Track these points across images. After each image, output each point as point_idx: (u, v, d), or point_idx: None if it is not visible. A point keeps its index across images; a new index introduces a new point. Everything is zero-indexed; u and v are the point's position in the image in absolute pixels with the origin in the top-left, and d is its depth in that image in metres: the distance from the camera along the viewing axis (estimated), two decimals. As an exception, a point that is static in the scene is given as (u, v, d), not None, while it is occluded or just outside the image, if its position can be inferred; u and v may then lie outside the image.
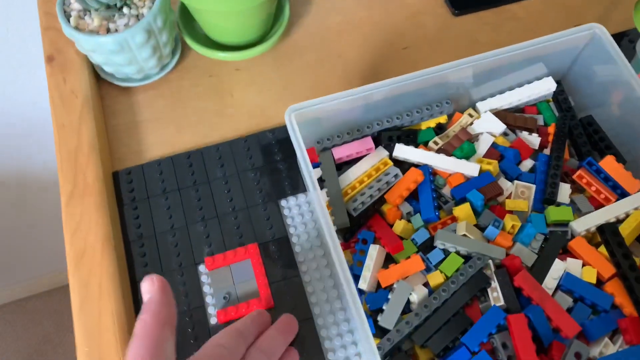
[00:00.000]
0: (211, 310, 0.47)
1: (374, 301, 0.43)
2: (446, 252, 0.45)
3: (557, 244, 0.44)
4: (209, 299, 0.47)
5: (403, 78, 0.47)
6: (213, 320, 0.47)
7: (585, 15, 0.63)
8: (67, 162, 0.51)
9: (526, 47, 0.48)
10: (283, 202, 0.52)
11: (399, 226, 0.46)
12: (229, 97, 0.58)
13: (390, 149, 0.50)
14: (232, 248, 0.49)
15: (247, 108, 0.57)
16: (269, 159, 0.54)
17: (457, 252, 0.44)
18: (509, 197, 0.48)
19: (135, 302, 0.47)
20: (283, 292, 0.48)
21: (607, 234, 0.42)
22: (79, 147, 0.51)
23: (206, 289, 0.48)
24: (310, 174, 0.43)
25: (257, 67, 0.60)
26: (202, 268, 0.49)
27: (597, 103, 0.52)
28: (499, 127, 0.51)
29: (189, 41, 0.58)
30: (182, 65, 0.59)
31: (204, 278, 0.48)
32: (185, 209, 0.51)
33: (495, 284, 0.42)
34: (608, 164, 0.47)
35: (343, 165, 0.50)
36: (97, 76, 0.58)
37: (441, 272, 0.43)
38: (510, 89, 0.53)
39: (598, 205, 0.47)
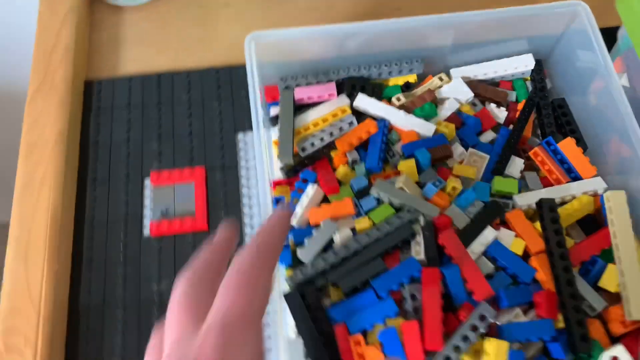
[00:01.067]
0: (146, 221, 0.48)
1: (299, 236, 0.43)
2: (380, 202, 0.44)
3: (494, 212, 0.43)
4: (146, 211, 0.48)
5: (375, 24, 0.46)
6: (146, 232, 0.48)
7: None
8: (41, 61, 0.52)
9: (507, 13, 0.47)
10: (240, 135, 0.52)
11: (341, 171, 0.46)
12: (213, 29, 0.58)
13: (353, 98, 0.49)
14: (182, 168, 0.50)
15: (227, 42, 0.58)
16: (236, 94, 0.54)
17: (391, 204, 0.44)
18: (461, 163, 0.47)
19: (77, 200, 0.49)
20: (220, 218, 0.48)
21: (544, 208, 0.41)
22: (54, 49, 0.53)
23: (147, 201, 0.49)
24: (256, 110, 0.42)
25: (247, 5, 0.60)
26: (147, 182, 0.50)
27: (574, 88, 0.50)
28: (467, 94, 0.50)
29: (184, -31, 0.59)
30: (175, -7, 0.60)
31: (147, 191, 0.49)
32: (144, 125, 0.52)
33: (419, 238, 0.42)
34: (567, 146, 0.46)
35: (303, 107, 0.50)
36: (92, -9, 0.60)
37: (370, 218, 0.43)
38: (489, 60, 0.52)
39: (548, 185, 0.46)
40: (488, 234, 0.42)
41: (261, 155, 0.40)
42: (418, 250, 0.41)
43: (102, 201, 0.49)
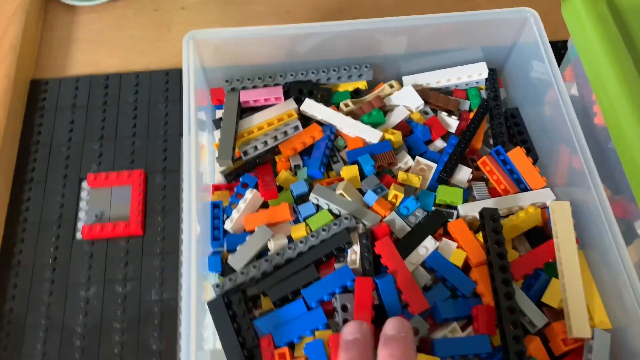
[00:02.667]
0: (80, 224, 0.46)
1: (233, 242, 0.42)
2: (319, 208, 0.42)
3: (435, 221, 0.41)
4: (81, 214, 0.46)
5: (324, 25, 0.45)
6: (79, 235, 0.46)
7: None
8: (-17, 57, 0.51)
9: (459, 18, 0.46)
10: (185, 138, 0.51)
11: (282, 176, 0.45)
12: (167, 31, 0.57)
13: (300, 103, 0.48)
14: (120, 171, 0.48)
15: (179, 44, 0.56)
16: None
17: (330, 210, 0.42)
18: (407, 171, 0.46)
19: (11, 200, 0.47)
20: (158, 223, 0.46)
21: (485, 217, 0.39)
22: (-2, 46, 0.51)
23: (82, 204, 0.47)
24: (189, 111, 0.40)
25: (203, 8, 0.59)
26: (84, 184, 0.48)
27: (527, 98, 0.49)
28: (417, 102, 0.48)
29: (141, -29, 0.58)
30: (132, -5, 0.59)
31: (83, 193, 0.47)
32: (87, 126, 0.51)
33: (357, 246, 0.40)
34: (516, 155, 0.45)
35: (249, 110, 0.49)
36: (47, -10, 0.59)
37: (307, 225, 0.41)
38: (442, 68, 0.51)
39: (497, 196, 0.44)
40: (428, 244, 0.40)
41: (189, 159, 0.38)
42: (354, 259, 0.40)
43: (36, 202, 0.47)
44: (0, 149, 0.47)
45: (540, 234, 0.43)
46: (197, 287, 0.35)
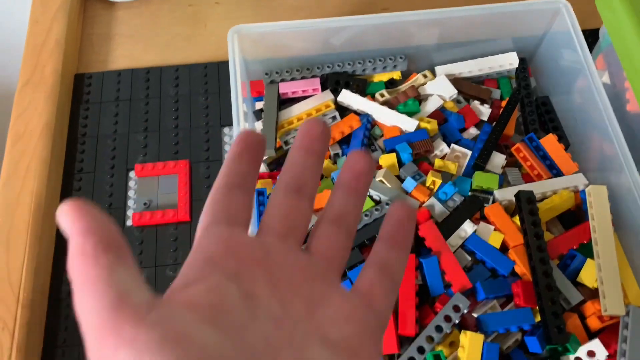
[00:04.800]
0: (129, 212, 0.48)
1: (279, 227, 0.44)
2: (360, 194, 0.44)
3: (473, 206, 0.43)
4: (130, 202, 0.49)
5: (359, 18, 0.47)
6: (129, 222, 0.48)
7: None
8: (31, 55, 0.53)
9: (491, 10, 0.47)
10: (226, 130, 0.53)
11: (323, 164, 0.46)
12: (202, 27, 0.59)
13: (337, 94, 0.50)
14: (166, 161, 0.50)
15: (215, 39, 0.58)
16: (223, 89, 0.55)
17: (371, 197, 0.44)
18: (443, 158, 0.47)
19: (62, 190, 0.49)
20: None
21: (522, 199, 0.41)
22: (45, 43, 0.54)
23: (131, 193, 0.49)
24: (237, 102, 0.42)
25: (237, 3, 0.61)
26: (132, 174, 0.50)
27: (558, 87, 0.50)
28: (450, 91, 0.50)
29: (176, -32, 0.60)
30: (167, -9, 0.61)
31: (131, 183, 0.50)
32: (131, 118, 0.53)
33: (398, 230, 0.42)
34: (549, 142, 0.46)
35: (288, 102, 0.51)
36: (86, -12, 0.61)
37: (349, 211, 0.43)
38: (473, 58, 0.52)
39: (530, 182, 0.46)
40: (467, 228, 0.42)
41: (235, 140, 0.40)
42: (396, 242, 0.41)
43: (87, 192, 0.49)
44: (52, 141, 0.49)
45: (572, 217, 0.44)
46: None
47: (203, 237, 0.21)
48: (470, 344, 0.36)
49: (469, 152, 0.47)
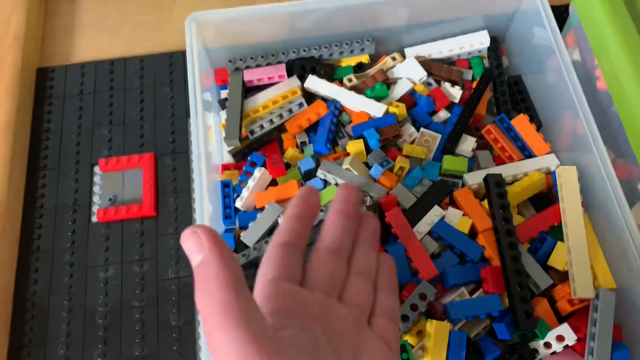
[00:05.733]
0: (94, 208, 0.47)
1: (244, 220, 0.43)
2: (326, 183, 0.43)
3: (441, 191, 0.42)
4: (95, 198, 0.48)
5: (324, 0, 0.45)
6: (94, 219, 0.47)
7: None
8: (-11, 48, 0.52)
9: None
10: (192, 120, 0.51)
11: (289, 153, 0.45)
12: (168, 14, 0.58)
13: (303, 80, 0.48)
14: (130, 155, 0.49)
15: (181, 27, 0.56)
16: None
17: (337, 185, 0.43)
18: (412, 143, 0.46)
19: (27, 188, 0.48)
20: (170, 204, 0.48)
21: (490, 183, 0.40)
22: (3, 37, 0.52)
23: (96, 188, 0.48)
24: (195, 93, 0.41)
25: (204, -10, 0.59)
26: (97, 169, 0.49)
27: (529, 66, 0.49)
28: (420, 73, 0.49)
29: (138, -46, 0.58)
30: (132, -22, 0.59)
31: (96, 178, 0.49)
32: (95, 112, 0.52)
33: (364, 218, 0.41)
34: (520, 122, 0.45)
35: (253, 89, 0.49)
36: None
37: (315, 200, 0.42)
38: (444, 38, 0.51)
39: (502, 164, 0.45)
40: (435, 213, 0.41)
41: (197, 140, 0.39)
42: (362, 230, 0.41)
43: (51, 188, 0.48)
44: (13, 138, 0.48)
45: (544, 200, 0.44)
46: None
47: (273, 290, 0.26)
48: (437, 332, 0.36)
49: (439, 136, 0.46)
